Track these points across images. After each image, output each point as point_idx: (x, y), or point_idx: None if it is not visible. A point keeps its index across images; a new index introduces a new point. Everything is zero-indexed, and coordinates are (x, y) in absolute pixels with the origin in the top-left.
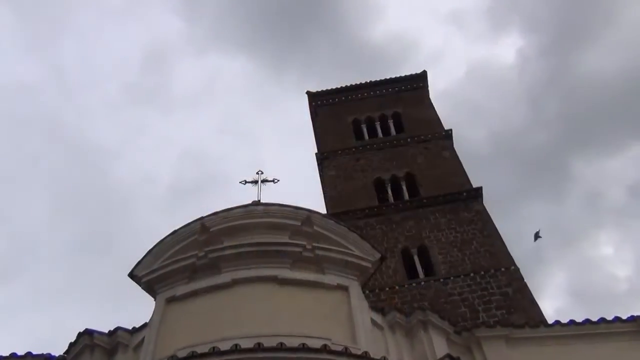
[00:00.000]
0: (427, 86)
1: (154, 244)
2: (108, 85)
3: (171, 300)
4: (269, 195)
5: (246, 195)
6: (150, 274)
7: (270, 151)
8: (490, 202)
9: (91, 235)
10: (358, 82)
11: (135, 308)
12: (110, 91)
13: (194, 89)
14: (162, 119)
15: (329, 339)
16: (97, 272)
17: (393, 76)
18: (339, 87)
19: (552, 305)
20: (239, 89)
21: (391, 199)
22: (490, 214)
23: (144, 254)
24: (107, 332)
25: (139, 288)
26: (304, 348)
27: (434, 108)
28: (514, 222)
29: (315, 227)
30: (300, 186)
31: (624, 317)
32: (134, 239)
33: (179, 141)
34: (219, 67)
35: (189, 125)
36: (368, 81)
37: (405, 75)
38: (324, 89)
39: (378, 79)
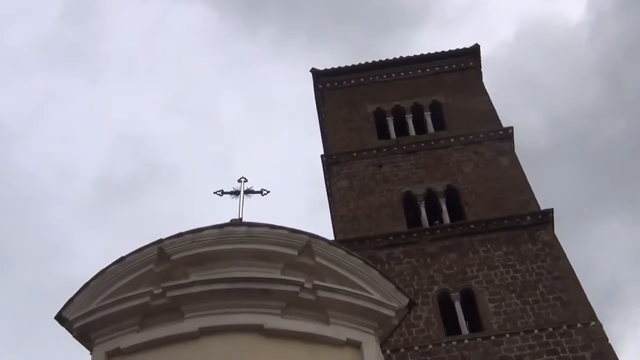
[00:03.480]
0: (479, 66)
1: (93, 275)
2: (10, 40)
3: (114, 354)
4: (254, 212)
5: (216, 211)
6: (86, 317)
7: (245, 140)
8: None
9: None
10: (382, 59)
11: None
12: (13, 48)
13: (134, 48)
14: (87, 89)
15: None
16: None
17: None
18: (355, 64)
19: None
20: (197, 49)
21: (425, 222)
22: (563, 247)
23: (78, 290)
24: None
25: (67, 333)
26: None
27: (488, 97)
28: (581, 247)
29: (317, 259)
30: (298, 200)
31: None
32: (46, 257)
33: (111, 120)
34: (168, 17)
35: (126, 99)
36: (397, 57)
37: (450, 50)
38: (334, 67)
39: (411, 55)
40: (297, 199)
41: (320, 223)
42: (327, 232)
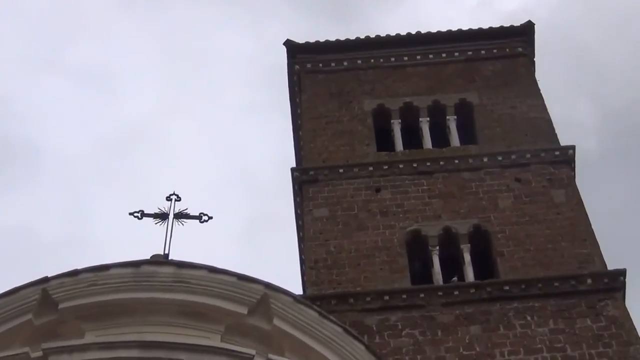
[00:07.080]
0: (532, 54)
1: None
2: None
3: None
4: (187, 245)
5: (129, 236)
6: None
7: (163, 125)
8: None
9: None
10: (391, 33)
11: None
12: None
13: None
14: None
15: None
16: None
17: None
18: (351, 38)
19: None
20: None
21: (439, 277)
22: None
23: None
24: None
25: None
26: None
27: (542, 99)
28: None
29: (276, 322)
30: (251, 231)
31: None
32: None
33: None
34: None
35: None
36: (416, 32)
37: (491, 28)
38: (320, 40)
39: (432, 31)
40: (250, 229)
41: (283, 268)
42: (292, 282)
